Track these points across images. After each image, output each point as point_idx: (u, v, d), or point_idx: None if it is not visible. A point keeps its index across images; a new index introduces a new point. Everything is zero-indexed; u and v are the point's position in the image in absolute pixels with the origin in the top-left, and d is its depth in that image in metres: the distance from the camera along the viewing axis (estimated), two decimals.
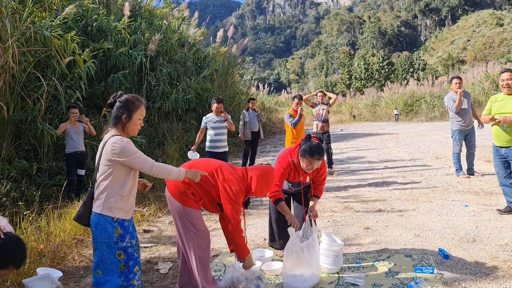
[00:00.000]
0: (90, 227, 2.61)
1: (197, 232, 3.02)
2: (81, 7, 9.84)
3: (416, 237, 4.26)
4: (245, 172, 3.12)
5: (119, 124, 2.62)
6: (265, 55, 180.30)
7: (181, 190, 3.01)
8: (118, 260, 2.54)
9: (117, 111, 2.62)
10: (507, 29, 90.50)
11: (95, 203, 2.58)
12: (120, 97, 2.65)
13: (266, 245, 4.22)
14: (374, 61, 46.72)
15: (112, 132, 2.61)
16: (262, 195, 3.14)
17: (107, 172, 2.54)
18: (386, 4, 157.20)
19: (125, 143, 2.52)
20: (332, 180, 7.55)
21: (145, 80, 11.10)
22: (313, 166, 3.41)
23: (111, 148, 2.50)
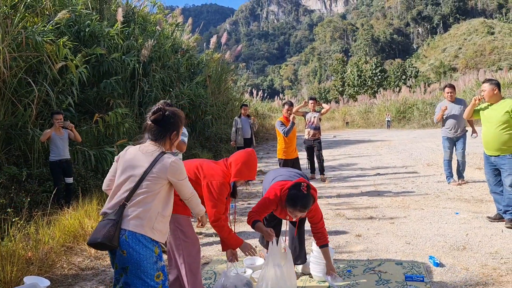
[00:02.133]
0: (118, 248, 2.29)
1: (186, 240, 3.00)
2: (74, 13, 9.82)
3: (407, 245, 4.27)
4: (226, 162, 3.12)
5: (166, 140, 2.48)
6: (258, 62, 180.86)
7: None
8: (157, 282, 2.32)
9: (167, 127, 2.47)
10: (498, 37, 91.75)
11: (132, 221, 2.31)
12: (165, 112, 2.47)
13: (256, 253, 4.20)
14: (367, 68, 47.03)
15: (159, 148, 2.44)
16: (243, 178, 3.07)
17: (155, 190, 2.37)
18: (379, 11, 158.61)
19: (182, 165, 2.44)
20: (324, 187, 7.55)
21: (138, 86, 11.06)
22: (296, 215, 3.22)
23: (170, 167, 2.37)
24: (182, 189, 2.48)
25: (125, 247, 2.27)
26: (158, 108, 2.46)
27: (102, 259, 4.26)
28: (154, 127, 2.45)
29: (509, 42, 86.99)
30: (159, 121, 2.44)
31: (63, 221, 4.53)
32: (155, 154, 2.40)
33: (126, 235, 2.28)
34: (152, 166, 2.36)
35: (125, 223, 2.30)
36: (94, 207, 5.17)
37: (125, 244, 2.27)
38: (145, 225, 2.33)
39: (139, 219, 2.32)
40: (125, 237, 2.28)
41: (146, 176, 2.35)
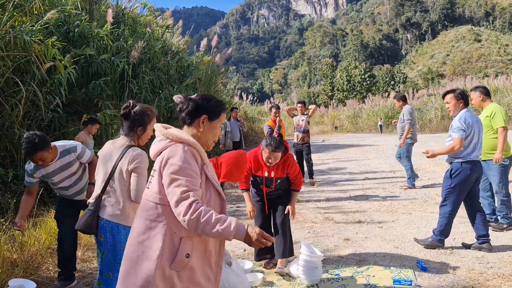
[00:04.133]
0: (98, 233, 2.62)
1: None
2: (63, 13, 9.73)
3: (395, 249, 4.29)
4: (216, 161, 3.11)
5: (134, 135, 2.68)
6: (248, 65, 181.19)
7: None
8: None
9: (133, 123, 2.67)
10: (485, 45, 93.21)
11: (108, 211, 2.60)
12: (134, 108, 2.67)
13: (246, 256, 4.19)
14: (356, 73, 47.37)
15: (127, 142, 2.66)
16: (233, 179, 3.09)
17: (125, 182, 2.60)
18: (368, 17, 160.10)
19: (144, 158, 2.63)
20: (313, 191, 7.57)
21: (127, 88, 10.99)
22: (271, 157, 3.59)
23: (132, 159, 2.57)
24: (137, 182, 2.59)
25: (102, 232, 2.60)
26: (127, 105, 2.68)
27: (89, 261, 4.21)
28: (125, 122, 2.67)
29: (496, 49, 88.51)
30: (127, 116, 2.66)
31: (49, 222, 4.47)
32: (123, 148, 2.62)
33: (104, 222, 2.61)
34: (120, 159, 2.59)
35: (103, 212, 2.61)
36: None
37: (103, 229, 2.60)
38: (120, 215, 2.60)
39: (114, 210, 2.60)
40: (103, 223, 2.60)
41: (115, 169, 2.59)
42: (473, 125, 4.16)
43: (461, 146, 4.13)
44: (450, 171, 4.27)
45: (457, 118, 4.22)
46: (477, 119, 4.29)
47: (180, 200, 1.69)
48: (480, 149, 4.27)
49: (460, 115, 4.23)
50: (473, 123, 4.17)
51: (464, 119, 4.17)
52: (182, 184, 1.71)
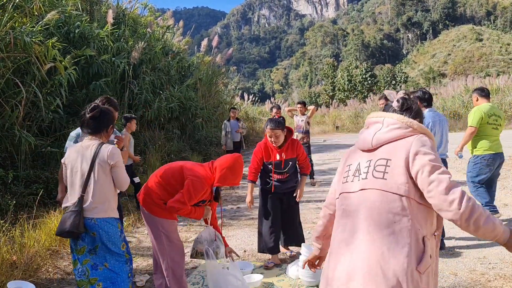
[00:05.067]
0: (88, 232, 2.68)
1: (170, 244, 2.98)
2: (64, 14, 9.73)
3: None
4: (211, 165, 3.09)
5: (104, 133, 2.81)
6: (249, 65, 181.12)
7: (154, 201, 2.96)
8: (122, 251, 2.77)
9: (105, 122, 2.80)
10: (486, 44, 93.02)
11: (94, 210, 2.67)
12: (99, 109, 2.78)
13: (245, 257, 4.18)
14: (357, 73, 47.27)
15: (97, 140, 2.77)
16: (227, 184, 3.07)
17: (105, 177, 2.71)
18: (369, 17, 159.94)
19: (119, 152, 2.80)
20: (313, 191, 7.56)
21: (128, 88, 10.99)
22: (274, 135, 3.86)
23: (110, 154, 2.70)
24: (119, 173, 2.75)
25: (94, 230, 2.68)
26: (95, 106, 2.79)
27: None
28: (92, 122, 2.77)
29: (497, 48, 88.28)
30: (96, 117, 2.76)
31: (49, 224, 4.46)
32: (94, 147, 2.72)
33: (95, 220, 2.67)
34: (95, 157, 2.69)
35: (90, 212, 2.67)
36: None
37: (95, 227, 2.67)
38: (107, 208, 2.72)
39: (100, 205, 2.69)
40: (94, 221, 2.67)
41: (93, 167, 2.68)
42: (435, 124, 4.35)
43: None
44: None
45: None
46: (441, 119, 4.49)
47: (451, 186, 1.54)
48: (446, 147, 4.50)
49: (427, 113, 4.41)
50: (435, 122, 4.36)
51: (432, 118, 4.37)
52: (445, 172, 1.59)
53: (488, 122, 4.92)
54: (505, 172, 8.25)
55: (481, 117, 4.92)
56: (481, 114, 4.92)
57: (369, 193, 1.66)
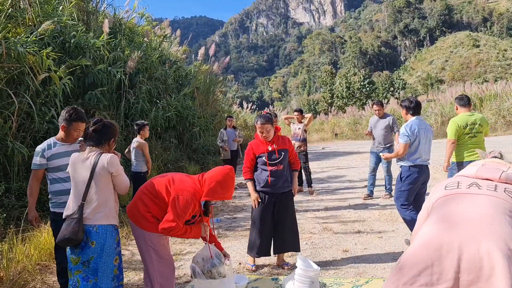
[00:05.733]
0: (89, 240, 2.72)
1: (159, 259, 2.87)
2: (59, 24, 9.67)
3: (395, 261, 4.15)
4: (201, 177, 2.97)
5: (105, 145, 2.92)
6: (248, 74, 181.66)
7: (142, 214, 2.86)
8: (114, 265, 2.78)
9: (107, 135, 2.93)
10: (483, 50, 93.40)
11: (94, 217, 2.74)
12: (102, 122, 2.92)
13: (240, 270, 4.06)
14: (355, 80, 47.31)
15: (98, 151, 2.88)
16: (216, 198, 2.93)
17: (105, 185, 2.81)
18: (366, 24, 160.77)
19: (117, 160, 2.89)
20: (311, 200, 7.45)
21: (124, 98, 10.91)
22: (265, 130, 4.02)
23: (109, 162, 2.79)
24: (119, 180, 2.86)
25: (95, 238, 2.72)
26: (98, 120, 2.92)
27: None
28: (95, 135, 2.90)
29: (494, 54, 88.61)
30: (99, 130, 2.89)
31: (39, 237, 4.34)
32: (94, 156, 2.82)
33: (97, 228, 2.74)
34: (95, 166, 2.79)
35: (91, 220, 2.74)
36: None
37: (96, 236, 2.73)
38: (109, 215, 2.80)
39: (101, 212, 2.76)
40: (95, 229, 2.73)
41: (93, 176, 2.78)
42: (419, 132, 4.53)
43: (405, 151, 4.56)
44: (400, 174, 4.70)
45: (404, 125, 4.67)
46: (426, 128, 4.65)
47: None
48: (428, 154, 4.62)
49: (408, 122, 4.66)
50: (419, 130, 4.54)
51: (411, 126, 4.57)
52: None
53: (463, 132, 5.17)
54: None
55: (456, 129, 5.20)
56: (455, 126, 5.20)
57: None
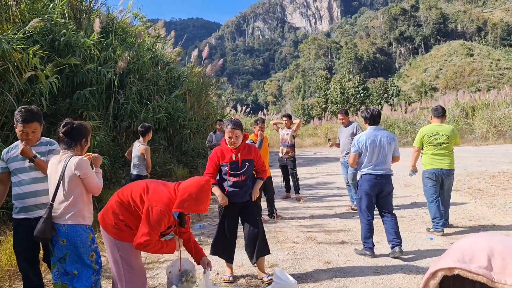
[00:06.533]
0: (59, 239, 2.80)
1: (130, 270, 2.73)
2: (50, 21, 9.53)
3: (377, 274, 4.06)
4: (176, 187, 2.81)
5: (78, 147, 2.99)
6: (243, 77, 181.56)
7: (114, 222, 2.72)
8: (91, 260, 2.86)
9: (77, 137, 2.98)
10: (477, 59, 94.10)
11: (63, 217, 2.82)
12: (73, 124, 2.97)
13: (217, 280, 3.95)
14: (350, 86, 47.37)
15: (69, 153, 2.94)
16: (188, 210, 2.75)
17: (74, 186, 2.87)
18: (362, 31, 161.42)
19: (86, 163, 2.94)
20: (298, 207, 7.35)
21: (113, 98, 10.77)
22: (234, 135, 3.91)
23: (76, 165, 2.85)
24: (88, 182, 2.91)
25: (64, 237, 2.81)
26: (67, 122, 2.98)
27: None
28: (66, 137, 2.96)
29: (488, 64, 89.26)
30: (69, 133, 2.95)
31: (10, 243, 4.19)
32: (64, 159, 2.90)
33: (66, 227, 2.82)
34: (65, 169, 2.86)
35: (60, 219, 2.83)
36: None
37: (65, 234, 2.81)
38: (77, 216, 2.85)
39: (72, 213, 2.83)
40: (64, 229, 2.82)
41: (62, 178, 2.86)
42: (366, 143, 4.65)
43: (354, 162, 4.78)
44: (357, 182, 4.95)
45: (356, 136, 4.90)
46: (375, 139, 4.68)
47: None
48: (381, 164, 4.66)
49: (361, 133, 4.86)
50: (367, 141, 4.66)
51: (359, 137, 4.77)
52: None
53: (428, 141, 5.52)
54: (494, 189, 8.11)
55: (421, 138, 5.60)
56: (421, 136, 5.61)
57: None
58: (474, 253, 1.60)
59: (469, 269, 1.32)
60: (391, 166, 4.81)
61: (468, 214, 6.36)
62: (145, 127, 6.83)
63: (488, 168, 10.63)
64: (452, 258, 1.60)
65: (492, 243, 1.59)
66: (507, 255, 1.54)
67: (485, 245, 1.59)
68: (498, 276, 1.25)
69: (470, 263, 1.60)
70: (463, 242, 1.63)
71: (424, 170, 5.62)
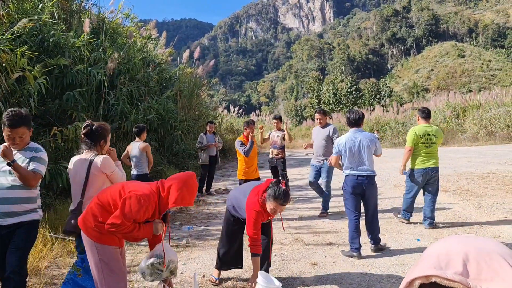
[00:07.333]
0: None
1: (110, 273, 2.70)
2: (39, 22, 9.45)
3: (363, 276, 4.06)
4: (160, 184, 2.83)
5: (97, 147, 3.30)
6: (236, 77, 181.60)
7: (94, 225, 2.70)
8: None
9: (97, 138, 3.30)
10: (468, 60, 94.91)
11: None
12: (93, 126, 3.29)
13: (203, 283, 3.94)
14: (342, 87, 47.58)
15: (92, 153, 3.26)
16: (185, 204, 2.82)
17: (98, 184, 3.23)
18: (355, 32, 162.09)
19: (110, 161, 3.28)
20: (287, 209, 7.34)
21: (104, 99, 10.71)
22: (277, 209, 3.43)
23: (102, 164, 3.19)
24: (114, 178, 3.27)
25: None
26: (87, 124, 3.31)
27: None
28: (87, 138, 3.30)
29: (479, 65, 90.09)
30: (89, 134, 3.29)
31: None
32: (88, 158, 3.22)
33: None
34: (90, 167, 3.20)
35: None
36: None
37: None
38: None
39: None
40: None
41: (88, 176, 3.19)
42: (346, 145, 4.80)
43: (335, 163, 4.96)
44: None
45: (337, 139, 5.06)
46: (354, 142, 4.80)
47: None
48: (362, 165, 4.78)
49: (341, 136, 5.03)
50: (346, 144, 4.81)
51: (339, 140, 4.94)
52: None
53: (420, 142, 5.75)
54: (482, 190, 8.17)
55: (413, 138, 5.78)
56: (413, 135, 5.79)
57: None
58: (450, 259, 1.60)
59: (446, 276, 1.33)
60: (373, 166, 4.86)
61: (456, 215, 6.40)
62: (140, 127, 6.98)
63: (477, 169, 10.70)
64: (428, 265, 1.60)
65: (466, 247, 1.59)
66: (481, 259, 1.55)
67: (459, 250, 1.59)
68: (474, 282, 1.25)
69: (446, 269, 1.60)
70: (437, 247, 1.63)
71: (412, 168, 5.88)
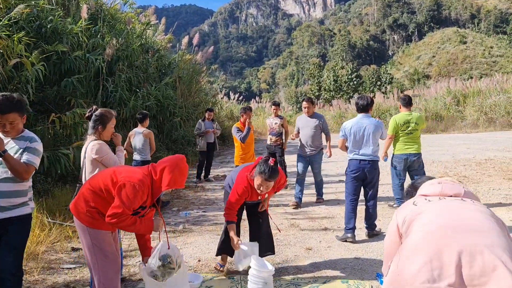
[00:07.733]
0: None
1: (104, 258, 2.72)
2: (36, 8, 9.39)
3: (356, 260, 4.11)
4: (152, 168, 2.81)
5: (96, 132, 3.44)
6: (236, 64, 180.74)
7: (86, 210, 2.71)
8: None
9: (94, 123, 3.44)
10: (470, 46, 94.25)
11: None
12: (95, 111, 3.45)
13: (199, 267, 3.99)
14: (343, 73, 47.36)
15: (91, 138, 3.43)
16: (178, 186, 2.81)
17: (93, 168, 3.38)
18: (356, 18, 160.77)
19: (103, 145, 3.40)
20: (284, 195, 7.39)
21: (102, 86, 10.70)
22: (262, 185, 3.38)
23: (91, 148, 3.37)
24: (106, 163, 3.39)
25: None
26: (90, 109, 3.49)
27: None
28: (89, 123, 3.48)
29: (481, 51, 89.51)
30: (89, 119, 3.48)
31: None
32: (87, 144, 3.42)
33: None
34: (85, 152, 3.42)
35: None
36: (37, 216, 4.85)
37: None
38: None
39: None
40: None
41: (85, 160, 3.43)
42: (351, 130, 4.91)
43: (341, 146, 5.15)
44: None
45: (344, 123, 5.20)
46: (361, 127, 4.88)
47: None
48: (365, 150, 4.85)
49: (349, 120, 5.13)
50: (352, 128, 4.91)
51: (345, 124, 5.08)
52: None
53: (401, 129, 5.99)
54: (479, 176, 8.20)
55: (394, 126, 6.03)
56: (394, 124, 6.05)
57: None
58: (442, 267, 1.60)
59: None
60: (377, 152, 4.88)
61: None
62: (143, 114, 7.18)
63: (475, 156, 10.73)
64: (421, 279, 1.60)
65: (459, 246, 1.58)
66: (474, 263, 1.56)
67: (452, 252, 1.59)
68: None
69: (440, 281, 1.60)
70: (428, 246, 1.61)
71: (394, 154, 6.15)
